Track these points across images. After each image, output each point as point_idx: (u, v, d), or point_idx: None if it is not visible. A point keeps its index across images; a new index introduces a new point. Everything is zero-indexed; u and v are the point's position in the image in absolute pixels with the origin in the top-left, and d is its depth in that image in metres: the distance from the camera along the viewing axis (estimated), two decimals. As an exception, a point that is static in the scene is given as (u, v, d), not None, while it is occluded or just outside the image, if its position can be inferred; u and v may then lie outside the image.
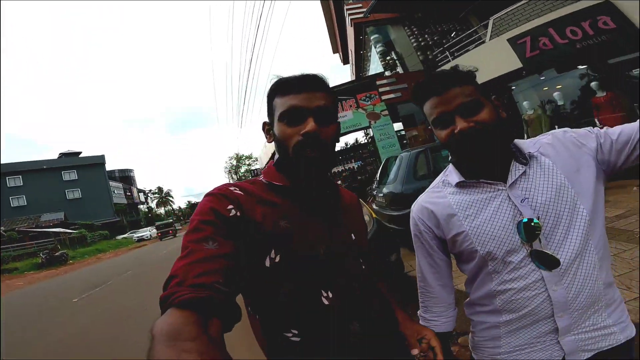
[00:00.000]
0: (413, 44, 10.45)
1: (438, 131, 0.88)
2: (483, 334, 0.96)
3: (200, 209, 0.67)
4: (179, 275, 0.56)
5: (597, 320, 0.86)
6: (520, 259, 0.83)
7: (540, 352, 0.87)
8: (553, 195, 0.82)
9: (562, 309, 0.83)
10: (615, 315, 0.88)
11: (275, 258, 0.69)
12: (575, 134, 0.88)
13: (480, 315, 0.96)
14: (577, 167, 0.84)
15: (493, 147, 0.82)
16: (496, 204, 0.85)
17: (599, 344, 0.86)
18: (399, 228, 4.85)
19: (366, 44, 12.68)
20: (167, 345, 0.43)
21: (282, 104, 0.75)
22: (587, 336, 0.86)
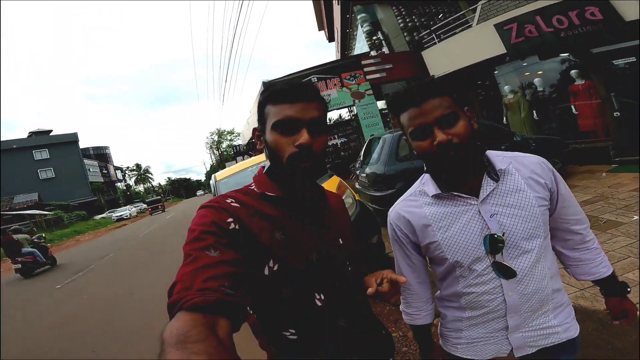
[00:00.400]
0: (400, 24, 10.34)
1: (416, 142, 0.90)
2: (448, 325, 1.08)
3: (202, 221, 0.69)
4: (186, 281, 0.57)
5: (544, 321, 0.97)
6: (484, 267, 0.93)
7: (492, 345, 1.00)
8: (519, 213, 0.90)
9: (513, 311, 0.95)
10: (561, 316, 0.99)
11: (274, 267, 0.73)
12: (555, 174, 0.97)
13: (448, 309, 1.07)
14: (544, 192, 0.94)
15: (467, 159, 0.87)
16: (467, 217, 0.92)
17: (543, 341, 0.98)
18: (381, 208, 4.96)
19: (353, 22, 12.45)
20: (177, 348, 0.44)
21: (276, 113, 0.76)
22: (533, 334, 0.97)
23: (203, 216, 0.70)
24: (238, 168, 4.16)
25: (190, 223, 0.71)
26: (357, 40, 13.32)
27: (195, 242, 0.65)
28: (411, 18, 10.33)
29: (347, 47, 14.78)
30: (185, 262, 0.62)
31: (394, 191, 4.86)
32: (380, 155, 5.18)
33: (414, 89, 0.88)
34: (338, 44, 15.20)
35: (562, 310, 1.00)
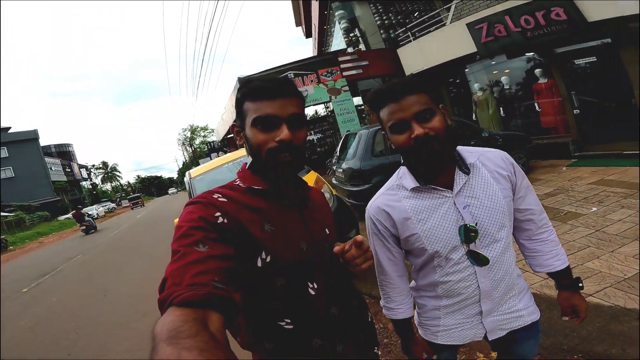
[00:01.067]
0: (377, 22, 10.44)
1: (395, 136, 0.94)
2: (426, 314, 1.12)
3: (189, 217, 0.68)
4: (175, 277, 0.57)
5: (511, 305, 1.05)
6: (459, 256, 0.98)
7: (468, 330, 1.06)
8: (489, 205, 0.96)
9: (486, 296, 1.01)
10: (524, 300, 1.07)
11: (266, 259, 0.74)
12: (515, 167, 1.04)
13: (424, 299, 1.12)
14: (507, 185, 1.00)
15: (442, 153, 0.91)
16: (444, 209, 0.97)
17: (511, 324, 1.06)
18: (358, 203, 5.04)
19: (330, 19, 12.43)
20: (168, 343, 0.44)
21: (256, 110, 0.77)
22: (503, 317, 1.05)
23: (190, 212, 0.70)
24: (214, 164, 4.07)
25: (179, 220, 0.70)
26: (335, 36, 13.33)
27: (183, 238, 0.64)
28: (388, 16, 10.46)
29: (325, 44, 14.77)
30: (173, 258, 0.61)
31: (370, 186, 4.94)
32: (357, 151, 5.24)
33: (394, 86, 0.92)
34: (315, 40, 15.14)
35: (524, 295, 1.08)
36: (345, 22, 11.20)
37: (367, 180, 5.01)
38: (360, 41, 11.04)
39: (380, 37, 10.31)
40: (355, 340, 0.88)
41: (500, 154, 1.04)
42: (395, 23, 10.34)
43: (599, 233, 3.14)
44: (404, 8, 10.52)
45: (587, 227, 3.33)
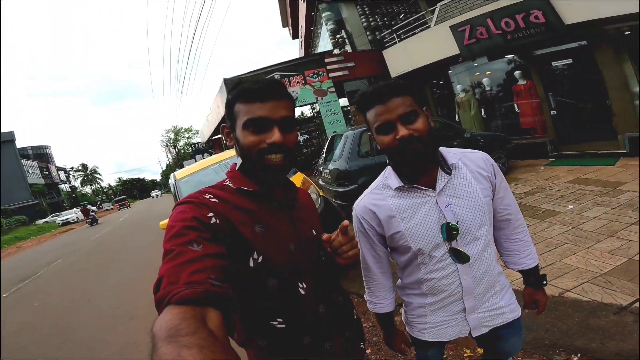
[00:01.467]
0: (363, 23, 10.53)
1: (380, 137, 0.97)
2: (413, 312, 1.15)
3: (181, 216, 0.68)
4: (171, 275, 0.57)
5: (494, 302, 1.09)
6: (442, 254, 1.01)
7: (453, 327, 1.09)
8: (470, 204, 1.00)
9: (469, 293, 1.04)
10: (506, 298, 1.11)
11: (258, 259, 0.75)
12: (495, 168, 1.07)
13: (410, 297, 1.15)
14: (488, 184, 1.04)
15: (425, 153, 0.95)
16: (427, 208, 1.00)
17: (494, 321, 1.09)
18: (345, 203, 5.07)
19: (317, 20, 12.44)
20: (168, 341, 0.43)
21: (247, 112, 0.77)
22: (486, 315, 1.08)
23: (182, 212, 0.70)
24: (200, 166, 4.03)
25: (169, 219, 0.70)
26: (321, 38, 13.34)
27: (176, 237, 0.64)
28: (374, 17, 10.56)
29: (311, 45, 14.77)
30: (168, 257, 0.61)
31: (356, 186, 4.98)
32: (343, 152, 5.28)
33: (380, 88, 0.95)
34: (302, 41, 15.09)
35: (506, 292, 1.13)
36: (332, 24, 11.23)
37: (353, 181, 5.05)
38: (346, 42, 11.09)
39: (367, 38, 10.39)
40: (343, 336, 0.90)
41: (481, 155, 1.08)
42: (381, 25, 10.43)
43: (576, 230, 3.26)
44: (390, 10, 10.63)
45: (564, 224, 3.46)
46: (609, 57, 5.67)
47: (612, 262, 2.55)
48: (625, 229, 3.03)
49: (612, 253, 2.68)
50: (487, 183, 1.04)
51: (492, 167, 1.06)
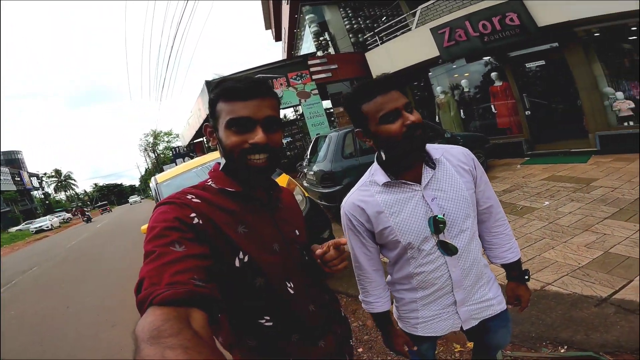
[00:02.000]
0: (346, 26, 10.63)
1: (385, 126, 0.96)
2: (405, 307, 1.16)
3: (163, 217, 0.67)
4: (153, 277, 0.55)
5: (482, 294, 1.11)
6: (431, 247, 1.03)
7: (446, 321, 1.11)
8: (454, 197, 1.03)
9: (458, 285, 1.07)
10: (493, 289, 1.14)
11: (244, 258, 0.74)
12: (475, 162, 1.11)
13: (401, 292, 1.15)
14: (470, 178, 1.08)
15: (424, 140, 0.99)
16: (414, 202, 1.02)
17: (483, 313, 1.12)
18: (330, 204, 5.07)
19: (301, 22, 12.42)
20: (151, 343, 0.42)
21: (230, 111, 0.76)
22: (475, 307, 1.11)
23: (164, 212, 0.68)
24: (181, 169, 3.93)
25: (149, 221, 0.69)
26: (304, 40, 13.33)
27: (158, 238, 0.62)
28: (357, 20, 10.69)
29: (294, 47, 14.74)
30: (149, 258, 0.59)
31: (341, 187, 4.99)
32: (327, 153, 5.28)
33: (381, 80, 0.97)
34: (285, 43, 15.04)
35: (493, 284, 1.16)
36: (316, 26, 11.26)
37: (337, 182, 5.06)
38: (329, 45, 11.15)
39: (349, 40, 10.49)
40: (334, 334, 0.91)
41: (462, 149, 1.11)
42: (363, 27, 10.56)
43: (552, 225, 3.39)
44: (372, 13, 10.79)
45: (542, 220, 3.58)
46: (579, 59, 5.93)
47: (588, 256, 2.65)
48: (599, 223, 3.17)
49: (588, 247, 2.79)
50: (469, 176, 1.07)
51: (473, 160, 1.10)
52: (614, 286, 2.19)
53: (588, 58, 5.90)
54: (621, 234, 2.87)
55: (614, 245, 2.70)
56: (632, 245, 2.65)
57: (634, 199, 3.55)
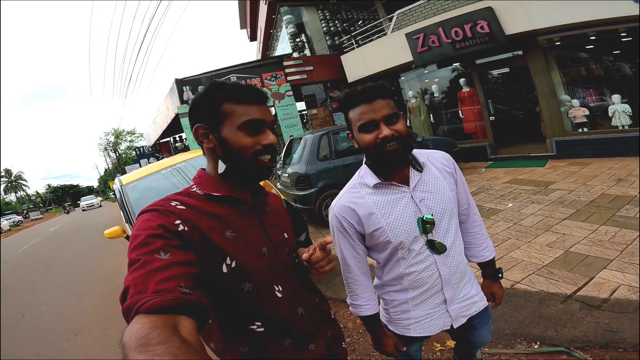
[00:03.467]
0: (323, 28, 10.67)
1: (362, 135, 1.01)
2: (396, 309, 1.17)
3: (146, 225, 0.67)
4: (139, 285, 0.55)
5: (467, 291, 1.16)
6: (420, 247, 1.07)
7: (437, 320, 1.14)
8: (440, 198, 1.08)
9: (447, 284, 1.10)
10: (475, 287, 1.20)
11: (231, 264, 0.74)
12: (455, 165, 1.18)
13: (391, 294, 1.17)
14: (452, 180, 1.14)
15: (403, 152, 1.02)
16: (403, 203, 1.06)
17: (470, 311, 1.17)
18: (305, 207, 5.03)
19: (278, 23, 12.30)
20: (140, 351, 0.42)
21: (244, 113, 0.78)
22: (463, 304, 1.15)
23: (147, 220, 0.68)
24: (149, 170, 3.71)
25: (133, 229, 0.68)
26: (280, 41, 13.22)
27: (142, 246, 0.62)
28: (334, 23, 10.78)
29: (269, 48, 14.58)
30: (134, 267, 0.59)
31: (316, 190, 4.97)
32: (302, 156, 5.23)
33: (367, 89, 0.99)
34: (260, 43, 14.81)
35: (474, 282, 1.21)
36: (293, 27, 11.19)
37: (313, 185, 5.02)
38: (305, 46, 11.13)
39: (326, 43, 10.53)
40: (326, 337, 0.91)
41: (443, 154, 1.18)
42: (340, 30, 10.66)
43: (517, 226, 3.57)
44: (350, 16, 10.94)
45: (506, 221, 3.77)
46: (541, 67, 6.32)
47: (551, 255, 2.81)
48: (558, 224, 3.39)
49: (550, 246, 2.97)
50: (451, 178, 1.13)
51: (453, 164, 1.17)
52: (577, 283, 2.33)
53: (548, 66, 6.30)
54: (579, 234, 3.08)
55: (574, 245, 2.90)
56: (589, 244, 2.85)
57: (589, 201, 3.85)
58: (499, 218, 3.90)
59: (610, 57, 6.11)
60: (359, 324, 2.43)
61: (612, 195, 3.90)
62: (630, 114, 5.54)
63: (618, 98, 5.64)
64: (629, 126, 5.58)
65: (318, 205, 5.00)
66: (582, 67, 6.39)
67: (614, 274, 2.34)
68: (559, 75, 6.34)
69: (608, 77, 6.07)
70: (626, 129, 5.59)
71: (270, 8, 11.28)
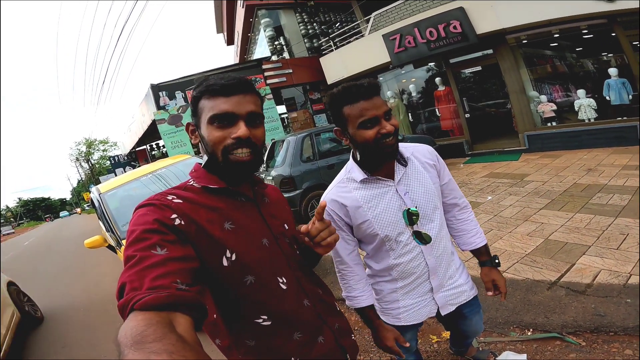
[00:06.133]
0: (302, 31, 10.70)
1: (362, 131, 1.02)
2: (385, 299, 1.22)
3: (142, 220, 0.66)
4: (134, 281, 0.55)
5: (454, 280, 1.22)
6: (407, 237, 1.11)
7: (424, 308, 1.20)
8: (423, 190, 1.13)
9: (434, 272, 1.16)
10: (464, 276, 1.25)
11: (231, 257, 0.73)
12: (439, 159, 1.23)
13: (381, 284, 1.22)
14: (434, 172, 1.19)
15: (396, 146, 1.06)
16: (389, 197, 1.10)
17: (458, 299, 1.22)
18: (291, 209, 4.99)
19: (255, 26, 12.21)
20: (135, 348, 0.42)
21: (212, 107, 0.76)
22: (450, 293, 1.20)
23: (143, 215, 0.67)
24: (128, 178, 3.57)
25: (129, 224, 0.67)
26: (258, 44, 13.13)
27: (137, 242, 0.61)
28: (312, 25, 10.84)
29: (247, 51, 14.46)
30: (129, 263, 0.58)
31: (300, 192, 4.97)
32: (286, 158, 5.22)
33: (366, 85, 1.01)
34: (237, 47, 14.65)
35: (462, 271, 1.26)
36: (271, 30, 11.17)
37: (297, 186, 5.02)
38: (284, 49, 11.11)
39: (304, 45, 10.56)
40: (332, 329, 0.90)
41: (426, 147, 1.23)
42: (319, 32, 10.73)
43: (497, 217, 3.70)
44: (328, 18, 11.05)
45: (487, 213, 3.90)
46: (510, 64, 6.59)
47: (532, 244, 2.93)
48: (536, 214, 3.53)
49: (530, 235, 3.09)
50: (434, 170, 1.18)
51: (436, 157, 1.22)
52: (560, 270, 2.43)
53: (517, 64, 6.58)
54: (556, 222, 3.22)
55: (552, 233, 3.03)
56: (567, 232, 2.99)
57: (563, 190, 4.04)
58: (480, 211, 4.02)
59: (573, 54, 6.45)
60: (354, 321, 2.43)
61: (584, 184, 4.11)
62: (596, 108, 5.87)
63: (583, 93, 5.96)
64: (594, 119, 5.91)
65: (304, 207, 4.99)
66: (547, 64, 6.73)
67: (593, 259, 2.46)
68: (527, 73, 6.63)
69: (572, 73, 6.41)
70: (592, 122, 5.92)
71: (248, 11, 11.19)
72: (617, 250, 2.51)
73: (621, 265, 2.30)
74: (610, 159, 4.92)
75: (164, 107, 8.20)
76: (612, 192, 3.66)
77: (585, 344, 1.77)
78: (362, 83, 1.02)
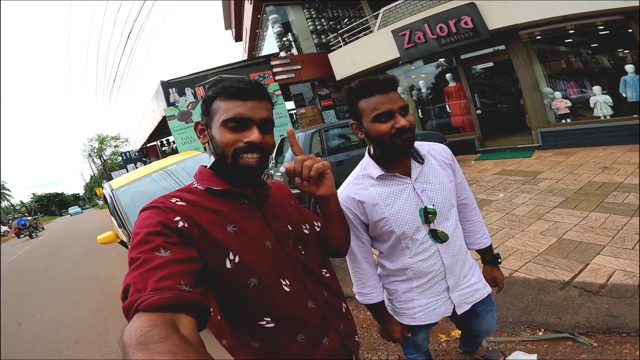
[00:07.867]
0: (310, 27, 10.65)
1: (377, 125, 1.01)
2: (400, 299, 1.21)
3: (146, 222, 0.67)
4: (138, 283, 0.55)
5: (469, 279, 1.21)
6: (423, 236, 1.10)
7: (440, 307, 1.18)
8: (440, 188, 1.12)
9: (450, 271, 1.14)
10: (477, 274, 1.24)
11: (234, 259, 0.73)
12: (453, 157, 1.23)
13: (395, 284, 1.21)
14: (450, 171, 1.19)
15: (412, 143, 1.05)
16: (406, 194, 1.09)
17: (473, 298, 1.21)
18: (300, 206, 5.00)
19: (263, 23, 12.21)
20: (139, 349, 0.42)
21: (227, 110, 0.76)
22: (465, 291, 1.19)
23: (147, 217, 0.68)
24: (139, 174, 3.63)
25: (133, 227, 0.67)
26: (266, 41, 13.14)
27: (141, 245, 0.62)
28: (320, 21, 10.78)
29: (255, 48, 14.49)
30: (133, 266, 0.59)
31: (310, 188, 4.98)
32: (295, 154, 5.23)
33: (382, 80, 1.00)
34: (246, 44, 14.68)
35: (475, 269, 1.25)
36: (279, 26, 11.15)
37: (307, 183, 5.03)
38: (292, 45, 11.10)
39: (313, 42, 10.53)
40: (338, 330, 0.90)
41: (442, 146, 1.22)
42: (327, 28, 10.67)
43: (509, 215, 3.64)
44: (336, 14, 10.94)
45: (499, 211, 3.84)
46: (523, 61, 6.45)
47: (545, 242, 2.88)
48: (549, 212, 3.47)
49: (543, 234, 3.04)
50: (449, 169, 1.17)
51: (451, 156, 1.21)
52: (573, 270, 2.39)
53: (530, 60, 6.44)
54: (571, 221, 3.16)
55: (566, 232, 2.97)
56: (581, 231, 2.93)
57: (577, 189, 3.95)
58: (492, 208, 3.96)
59: (588, 51, 6.28)
60: (362, 319, 2.43)
61: (599, 182, 4.02)
62: (612, 105, 5.72)
63: (598, 89, 5.81)
64: (610, 116, 5.76)
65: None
66: (562, 60, 6.56)
67: (608, 260, 2.41)
68: (541, 69, 6.48)
69: (587, 70, 6.24)
70: (608, 119, 5.76)
71: (256, 8, 11.20)
72: (632, 250, 2.45)
73: (636, 265, 2.24)
74: (626, 157, 4.79)
75: (174, 103, 8.29)
76: (628, 190, 3.57)
77: (597, 344, 1.74)
78: (379, 77, 1.01)
